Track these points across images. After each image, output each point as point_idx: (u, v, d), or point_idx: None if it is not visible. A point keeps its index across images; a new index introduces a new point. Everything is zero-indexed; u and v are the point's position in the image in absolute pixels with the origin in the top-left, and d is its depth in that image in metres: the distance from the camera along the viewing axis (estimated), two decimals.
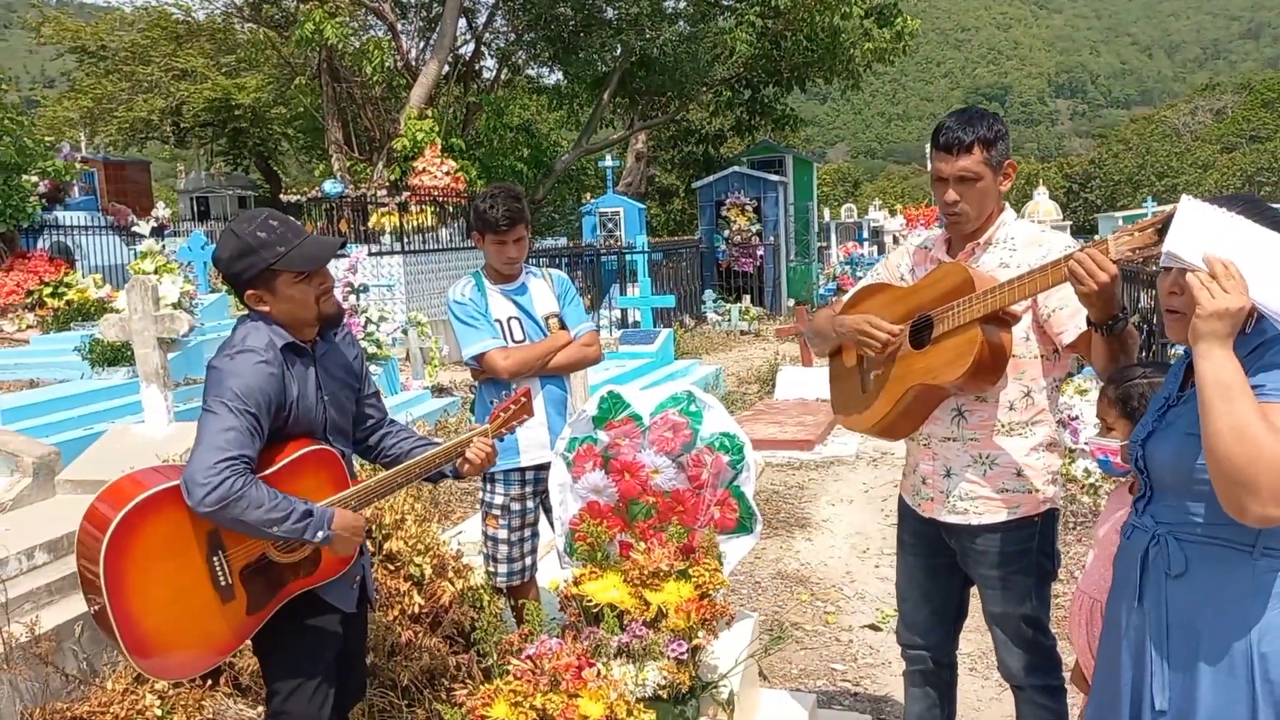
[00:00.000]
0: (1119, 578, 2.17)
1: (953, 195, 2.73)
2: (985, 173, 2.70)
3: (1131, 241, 2.23)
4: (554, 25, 19.95)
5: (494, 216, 3.79)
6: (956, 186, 2.72)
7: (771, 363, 10.98)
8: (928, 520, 3.00)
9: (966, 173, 2.69)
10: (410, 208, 13.65)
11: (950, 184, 2.73)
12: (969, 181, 2.70)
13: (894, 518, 6.50)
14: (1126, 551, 2.13)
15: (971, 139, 2.67)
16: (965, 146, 2.67)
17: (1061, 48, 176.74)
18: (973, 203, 2.74)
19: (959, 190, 2.72)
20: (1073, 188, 57.16)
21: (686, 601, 3.37)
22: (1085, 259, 2.28)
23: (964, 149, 2.67)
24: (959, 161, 2.68)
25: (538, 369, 3.87)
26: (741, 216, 18.06)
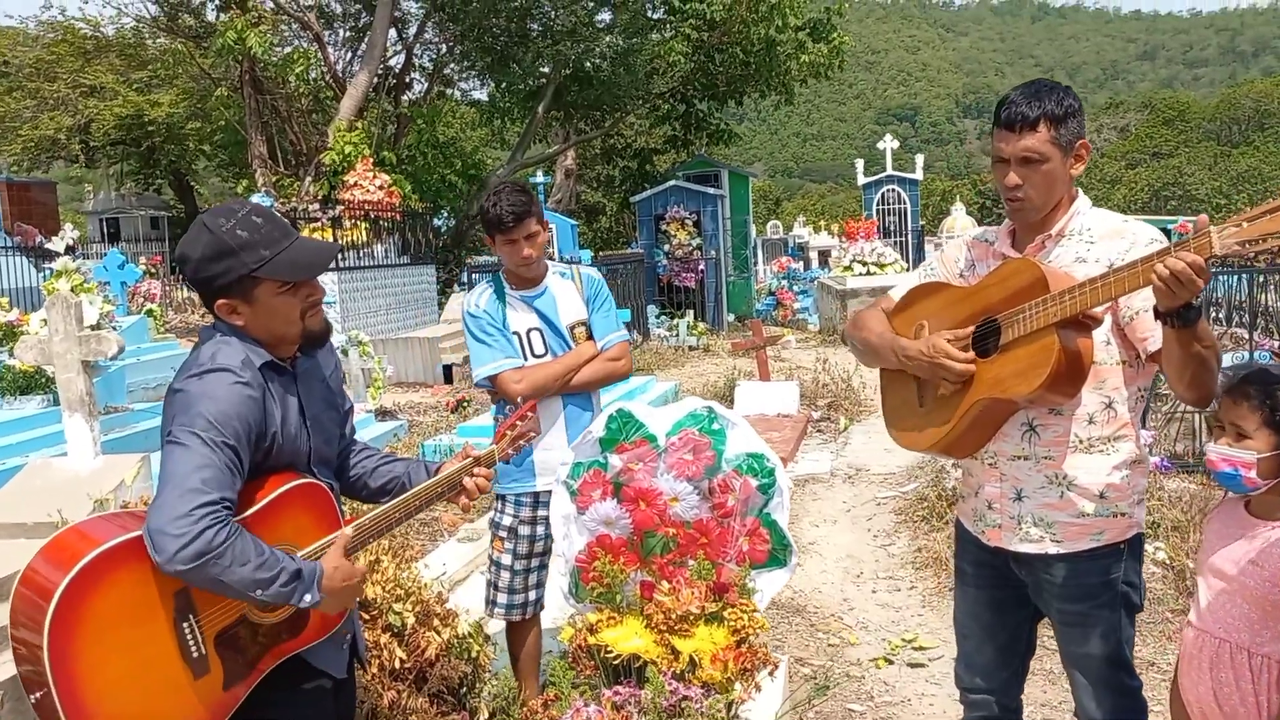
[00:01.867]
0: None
1: (1014, 178, 2.38)
2: (1052, 153, 2.35)
3: (1240, 234, 1.90)
4: (486, 37, 19.50)
5: (498, 213, 3.34)
6: (1019, 169, 2.37)
7: (728, 378, 10.64)
8: (993, 549, 2.64)
9: (1031, 153, 2.34)
10: (344, 223, 13.05)
11: (1011, 166, 2.38)
12: (1033, 163, 2.35)
13: (882, 539, 6.28)
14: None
15: (1037, 115, 2.33)
16: (1030, 123, 2.33)
17: (968, 69, 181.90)
18: (1037, 188, 2.39)
19: (1021, 173, 2.37)
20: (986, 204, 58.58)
21: (723, 649, 2.96)
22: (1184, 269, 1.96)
23: (1028, 126, 2.33)
24: (1022, 140, 2.34)
25: (557, 389, 3.42)
26: (682, 231, 17.77)
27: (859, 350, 2.85)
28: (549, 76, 20.73)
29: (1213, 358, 2.15)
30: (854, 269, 16.60)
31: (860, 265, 16.51)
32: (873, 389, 10.54)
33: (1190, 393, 2.22)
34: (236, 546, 1.92)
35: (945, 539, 5.71)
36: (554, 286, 3.53)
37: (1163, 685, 4.05)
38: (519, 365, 3.41)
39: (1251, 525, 2.21)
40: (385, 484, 2.53)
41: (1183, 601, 4.75)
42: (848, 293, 16.09)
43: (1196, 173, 57.30)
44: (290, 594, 2.00)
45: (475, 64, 20.85)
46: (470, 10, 18.66)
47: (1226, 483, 2.25)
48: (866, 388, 10.61)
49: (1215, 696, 2.24)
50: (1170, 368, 2.19)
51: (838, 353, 13.50)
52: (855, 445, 8.79)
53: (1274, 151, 59.05)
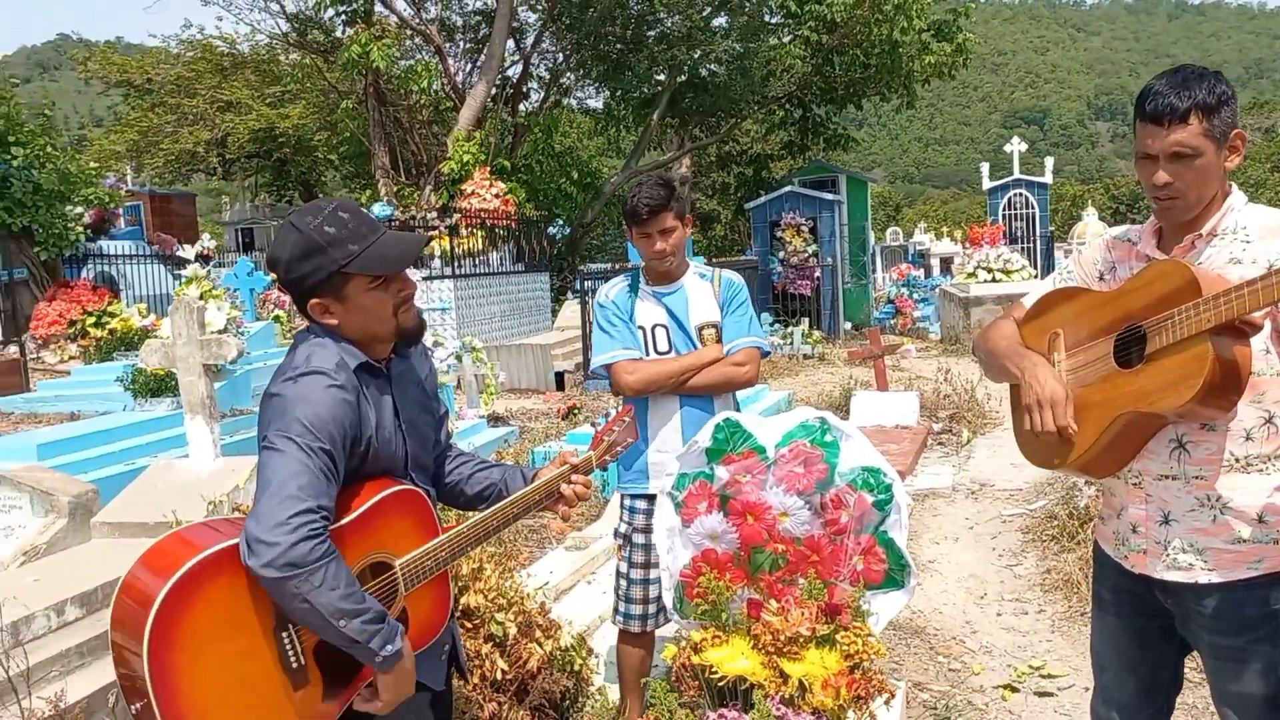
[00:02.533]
0: None
1: (1164, 176, 2.15)
2: (1205, 147, 2.11)
3: None
4: (602, 45, 19.59)
5: (634, 205, 3.28)
6: (1169, 165, 2.14)
7: (844, 387, 10.37)
8: (1138, 576, 2.40)
9: (1182, 148, 2.11)
10: (460, 231, 13.23)
11: (1160, 163, 2.15)
12: (1185, 159, 2.12)
13: (1008, 558, 5.96)
14: None
15: (1187, 106, 2.09)
16: (1179, 115, 2.09)
17: (1100, 70, 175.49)
18: (1190, 184, 2.15)
19: (1172, 170, 2.14)
20: (1120, 209, 56.42)
21: (835, 674, 2.79)
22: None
23: (1178, 119, 2.10)
24: (1172, 135, 2.11)
25: (671, 387, 3.31)
26: (797, 237, 17.49)
27: (985, 362, 2.65)
28: (664, 83, 20.70)
29: None
30: (978, 276, 16.05)
31: (985, 272, 15.96)
32: (997, 400, 10.13)
33: None
34: (330, 568, 1.86)
35: (1077, 560, 5.39)
36: (689, 285, 3.44)
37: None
38: (636, 358, 3.33)
39: None
40: (482, 490, 2.46)
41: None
42: (971, 300, 15.57)
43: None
44: (371, 635, 1.92)
45: (591, 72, 20.97)
46: (587, 19, 18.78)
47: None
48: (991, 399, 10.19)
49: None
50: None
51: (960, 362, 13.06)
52: (979, 459, 8.43)
53: None
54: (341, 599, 1.86)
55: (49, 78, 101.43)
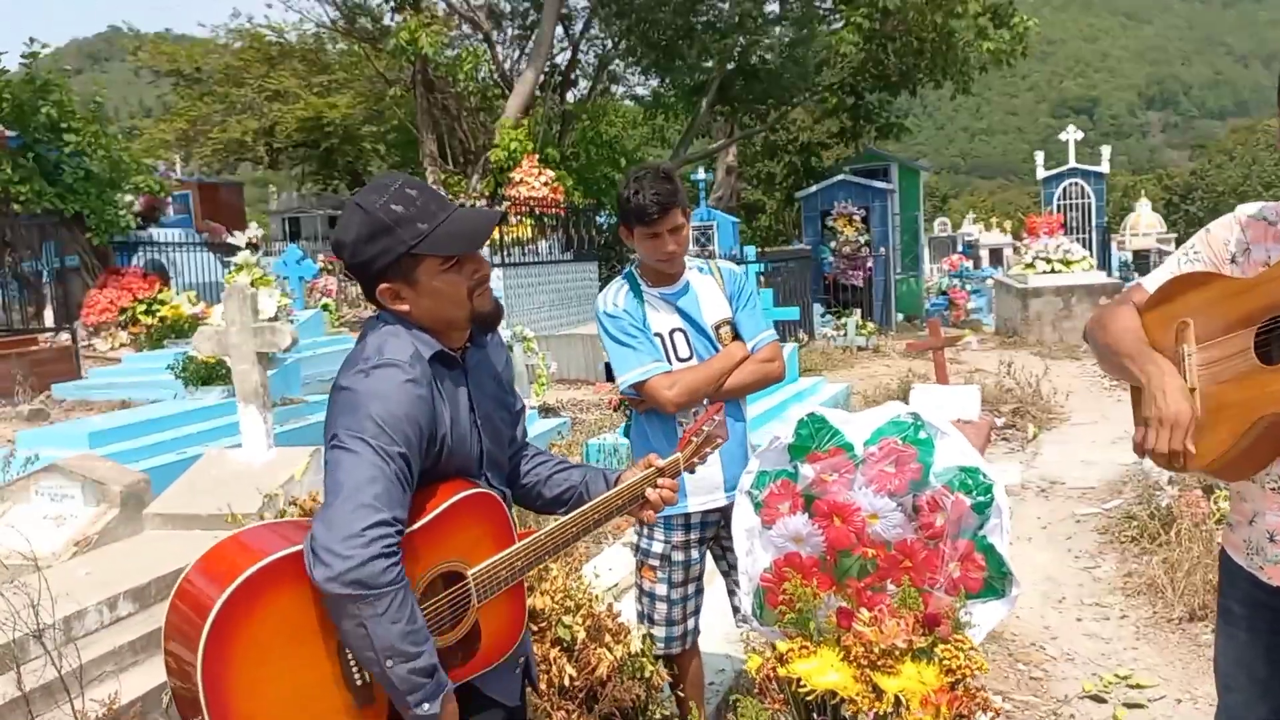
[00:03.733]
0: None
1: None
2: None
3: None
4: (652, 32, 19.37)
5: (641, 203, 3.00)
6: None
7: (901, 380, 10.11)
8: (1275, 590, 2.18)
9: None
10: (509, 219, 13.11)
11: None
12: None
13: (1085, 560, 5.70)
14: None
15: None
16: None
17: (1152, 59, 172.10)
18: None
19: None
20: (1173, 200, 55.41)
21: (935, 691, 2.59)
22: None
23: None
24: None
25: (710, 394, 3.09)
26: (849, 227, 17.19)
27: (1100, 355, 2.41)
28: (714, 70, 20.44)
29: None
30: (1036, 266, 15.64)
31: (1044, 262, 15.55)
32: (1064, 394, 9.83)
33: None
34: (398, 598, 1.70)
35: (1160, 563, 5.14)
36: (695, 283, 3.19)
37: None
38: (668, 370, 3.08)
39: None
40: (561, 494, 2.28)
41: None
42: (1029, 292, 15.19)
43: None
44: (415, 688, 1.75)
45: (640, 60, 20.77)
46: (635, 5, 18.57)
47: None
48: (1057, 393, 9.87)
49: None
50: None
51: (1020, 354, 12.73)
52: (1047, 456, 8.15)
53: None
54: (400, 637, 1.70)
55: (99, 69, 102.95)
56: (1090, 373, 11.63)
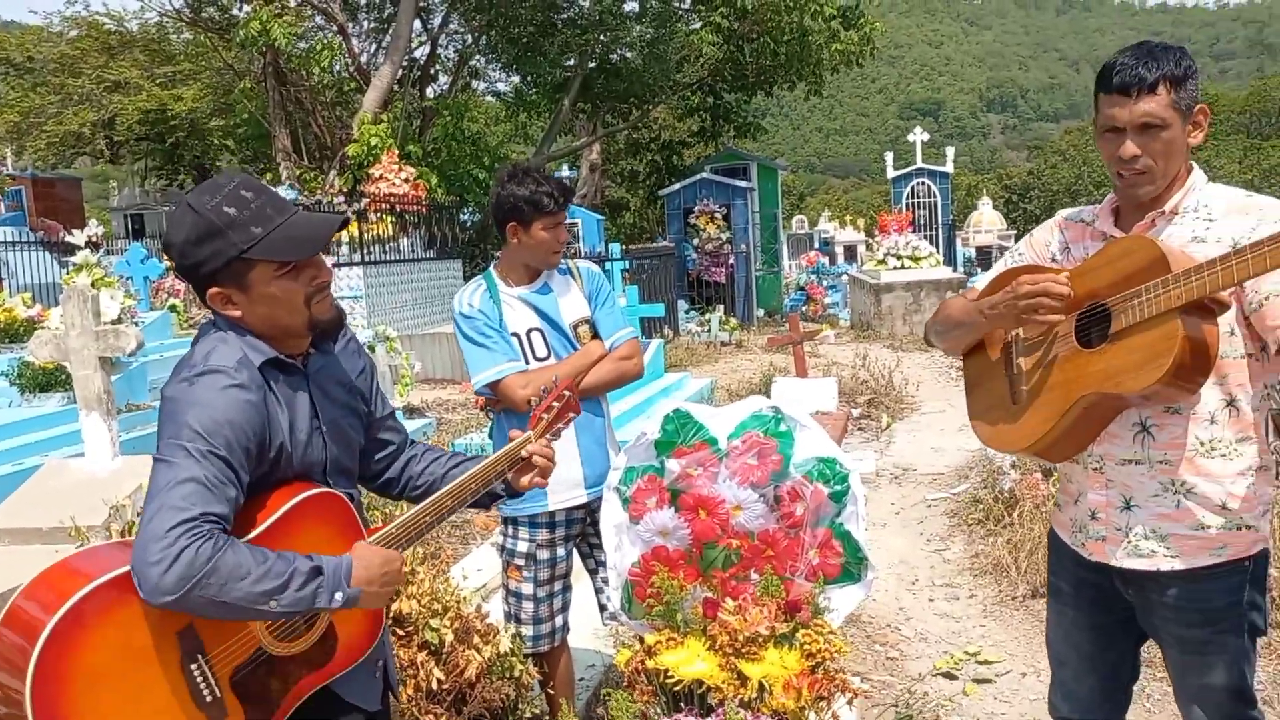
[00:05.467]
0: None
1: (1132, 148, 2.09)
2: (1173, 119, 2.07)
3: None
4: (512, 28, 19.25)
5: (539, 194, 3.05)
6: (1137, 137, 2.08)
7: (764, 374, 10.35)
8: (1096, 566, 2.34)
9: (1151, 118, 2.06)
10: (369, 216, 12.82)
11: (1129, 134, 2.09)
12: (1153, 129, 2.07)
13: (936, 543, 5.96)
14: None
15: (1156, 76, 2.04)
16: (1148, 86, 2.05)
17: (991, 64, 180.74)
18: (1158, 157, 2.10)
19: (1140, 142, 2.09)
20: (1012, 198, 58.16)
21: (797, 675, 2.67)
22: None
23: (1147, 89, 2.05)
24: (1140, 105, 2.06)
25: None
26: (711, 224, 17.51)
27: (942, 332, 2.58)
28: (576, 68, 20.46)
29: None
30: (887, 263, 16.25)
31: (894, 259, 16.17)
32: (915, 385, 10.24)
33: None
34: (227, 560, 1.66)
35: (1005, 544, 5.42)
36: (554, 283, 3.23)
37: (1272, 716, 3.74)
38: (523, 369, 3.11)
39: None
40: None
41: (1276, 614, 4.43)
42: (882, 287, 15.76)
43: (1226, 165, 56.48)
44: (313, 596, 1.74)
45: (501, 55, 20.61)
46: (495, 1, 18.43)
47: None
48: (909, 384, 10.29)
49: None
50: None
51: (874, 348, 13.20)
52: (900, 444, 8.49)
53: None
54: (257, 581, 1.68)
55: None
56: (939, 364, 12.15)
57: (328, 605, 1.77)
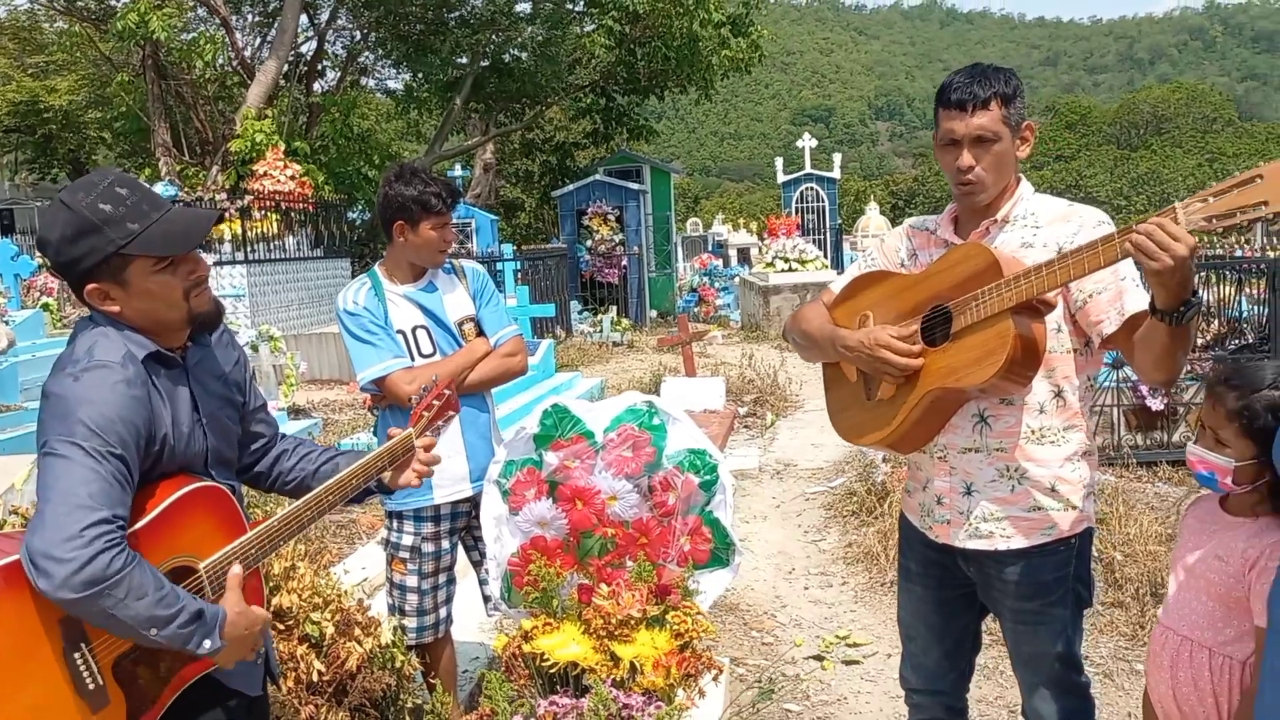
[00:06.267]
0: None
1: (968, 159, 2.30)
2: (1004, 132, 2.28)
3: (1207, 209, 1.82)
4: (402, 25, 19.03)
5: (428, 194, 3.13)
6: (973, 149, 2.29)
7: (654, 373, 10.53)
8: (942, 547, 2.55)
9: (984, 132, 2.26)
10: (253, 214, 12.55)
11: (965, 146, 2.30)
12: (986, 143, 2.28)
13: (813, 534, 6.21)
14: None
15: (989, 93, 2.25)
16: (982, 102, 2.25)
17: (880, 72, 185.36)
18: (990, 169, 2.31)
19: (975, 154, 2.30)
20: (899, 204, 59.91)
21: (665, 654, 2.82)
22: (1155, 230, 1.86)
23: (980, 105, 2.25)
24: (974, 119, 2.26)
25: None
26: (604, 226, 17.64)
27: (800, 345, 2.76)
28: (467, 67, 20.34)
29: (1191, 342, 2.09)
30: (776, 265, 16.63)
31: (782, 262, 16.56)
32: (799, 384, 10.54)
33: (1161, 375, 2.16)
34: (134, 577, 1.70)
35: (875, 533, 5.67)
36: (439, 281, 3.32)
37: (1096, 679, 4.04)
38: (409, 365, 3.18)
39: (1225, 522, 2.15)
40: None
41: (1112, 594, 4.77)
42: (770, 289, 16.12)
43: (1097, 175, 59.26)
44: (189, 637, 1.79)
45: (391, 53, 20.36)
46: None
47: (1204, 483, 2.19)
48: (792, 383, 10.59)
49: (1174, 696, 2.17)
50: (1149, 354, 2.11)
51: (761, 348, 13.51)
52: (782, 440, 8.75)
53: (1171, 155, 61.38)
54: (152, 606, 1.72)
55: None
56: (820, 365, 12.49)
57: (195, 649, 1.81)
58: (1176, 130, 67.06)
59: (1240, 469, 2.08)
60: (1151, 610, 4.47)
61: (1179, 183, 55.15)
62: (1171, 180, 56.24)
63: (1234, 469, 2.09)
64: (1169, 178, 57.09)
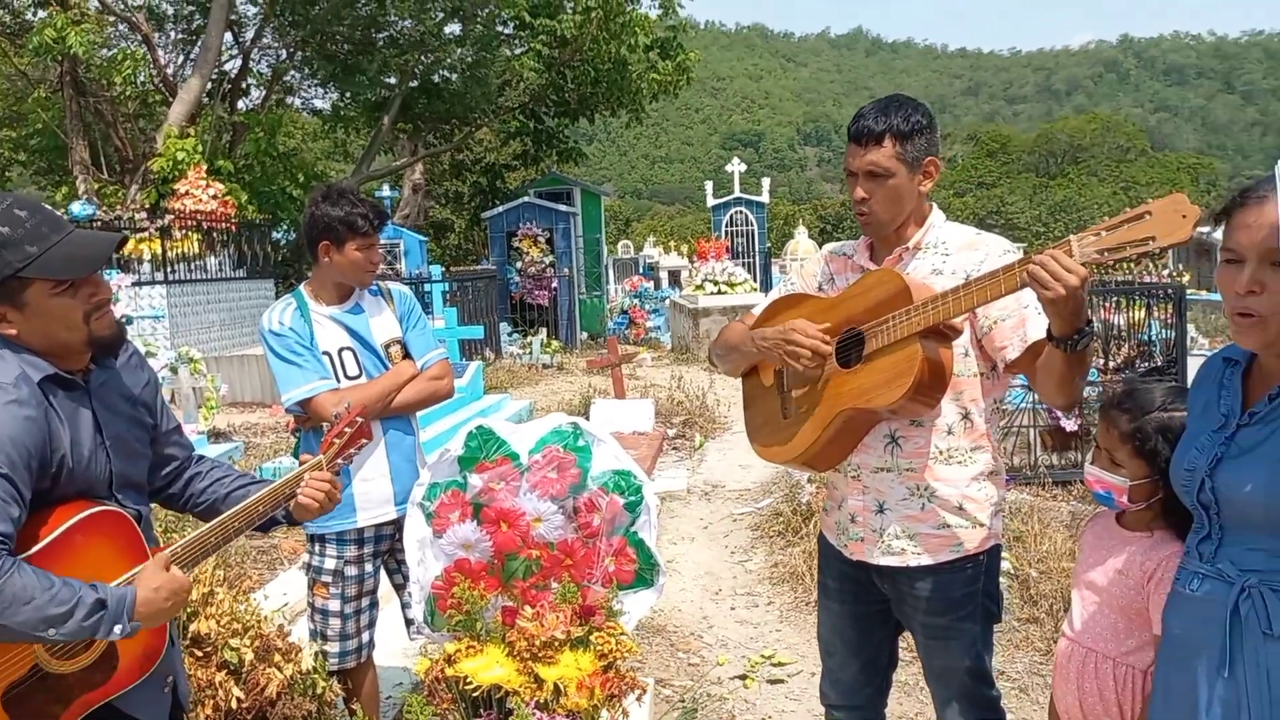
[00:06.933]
0: (1187, 640, 1.78)
1: (860, 192, 2.39)
2: (898, 169, 2.35)
3: (1100, 242, 1.91)
4: (329, 44, 18.85)
5: (354, 215, 3.13)
6: (865, 183, 2.38)
7: (583, 395, 10.54)
8: (856, 563, 2.61)
9: (875, 168, 2.34)
10: (174, 234, 12.29)
11: (859, 179, 2.38)
12: (878, 178, 2.36)
13: (740, 555, 6.27)
14: (1196, 607, 1.76)
15: (882, 129, 2.33)
16: (875, 137, 2.33)
17: (808, 99, 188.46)
18: (882, 202, 2.39)
19: (867, 187, 2.38)
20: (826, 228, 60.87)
21: (589, 675, 2.83)
22: (1050, 261, 1.94)
23: (873, 140, 2.33)
24: (867, 155, 2.34)
25: (379, 411, 3.20)
26: (534, 248, 17.65)
27: (721, 356, 2.82)
28: (396, 87, 20.23)
29: (1088, 368, 2.18)
30: (705, 288, 16.79)
31: (712, 284, 16.72)
32: (727, 406, 10.64)
33: (1062, 399, 2.25)
34: (15, 582, 1.68)
35: (801, 553, 5.74)
36: (365, 303, 3.31)
37: (1011, 693, 4.14)
38: (335, 387, 3.16)
39: (1122, 537, 2.24)
40: None
41: (1027, 610, 4.89)
42: (700, 311, 16.25)
43: (1017, 202, 60.91)
44: (95, 627, 1.77)
45: (317, 72, 20.12)
46: (311, 16, 18.02)
47: (1103, 501, 2.27)
48: (721, 404, 10.68)
49: (1080, 706, 2.25)
50: (1050, 379, 2.19)
51: (691, 370, 13.60)
52: (711, 462, 8.82)
53: (1086, 184, 63.37)
54: (42, 608, 1.70)
55: None
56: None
57: (107, 637, 1.80)
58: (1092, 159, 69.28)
59: (1135, 487, 2.17)
60: None
61: (1095, 210, 56.94)
62: (1088, 208, 58.04)
63: (1129, 487, 2.17)
64: (1085, 205, 58.91)
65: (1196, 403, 1.89)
